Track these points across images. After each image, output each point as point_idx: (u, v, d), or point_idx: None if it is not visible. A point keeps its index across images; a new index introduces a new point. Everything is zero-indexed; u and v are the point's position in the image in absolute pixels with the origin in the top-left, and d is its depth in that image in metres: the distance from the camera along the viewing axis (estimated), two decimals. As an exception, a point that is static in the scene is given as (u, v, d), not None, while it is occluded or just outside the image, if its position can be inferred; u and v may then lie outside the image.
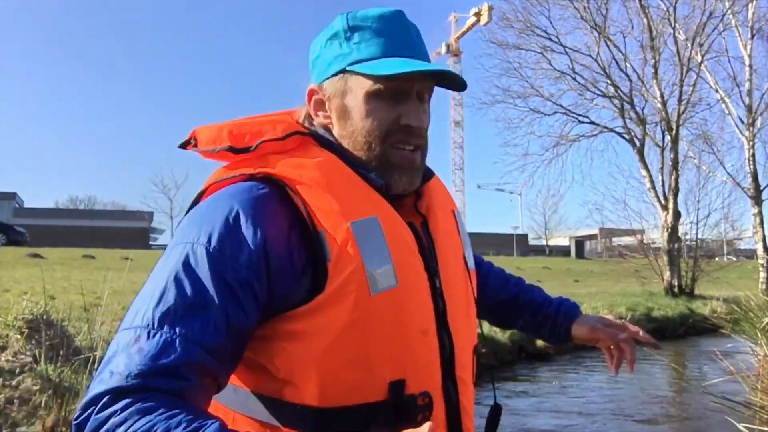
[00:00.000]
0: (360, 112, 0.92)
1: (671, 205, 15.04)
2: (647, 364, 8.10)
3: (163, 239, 58.15)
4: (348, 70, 0.92)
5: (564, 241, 60.30)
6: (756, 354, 4.91)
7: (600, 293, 13.37)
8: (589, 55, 16.02)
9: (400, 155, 0.93)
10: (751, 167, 15.27)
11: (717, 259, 21.47)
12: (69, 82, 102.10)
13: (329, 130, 0.97)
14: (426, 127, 0.96)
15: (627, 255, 17.57)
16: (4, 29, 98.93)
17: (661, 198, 15.26)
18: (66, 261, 14.97)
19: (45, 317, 3.53)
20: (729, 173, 16.01)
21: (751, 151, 15.15)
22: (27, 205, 53.48)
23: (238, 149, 0.90)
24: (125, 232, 48.42)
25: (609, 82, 16.01)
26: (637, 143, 15.70)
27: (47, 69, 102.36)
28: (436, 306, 0.92)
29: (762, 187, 15.30)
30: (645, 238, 17.24)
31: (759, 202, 15.25)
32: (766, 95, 15.19)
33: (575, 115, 16.92)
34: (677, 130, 15.21)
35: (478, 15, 52.64)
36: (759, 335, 5.12)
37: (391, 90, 0.91)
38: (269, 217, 0.82)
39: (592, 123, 16.97)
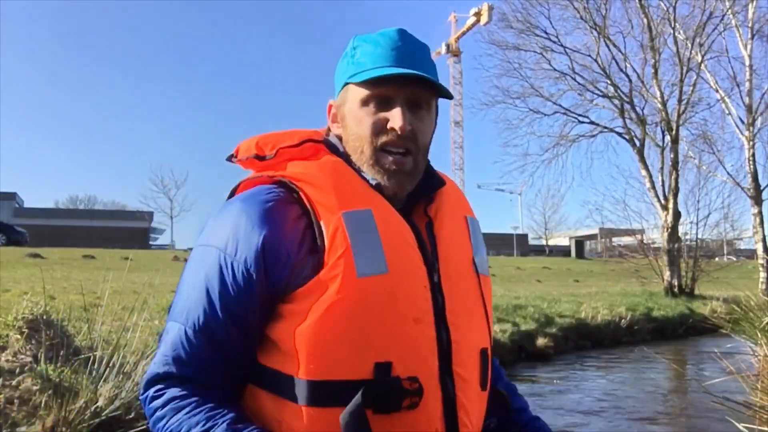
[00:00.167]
0: (353, 118, 1.03)
1: (671, 205, 15.04)
2: (647, 364, 8.10)
3: (163, 239, 58.16)
4: (347, 82, 1.03)
5: (564, 241, 60.31)
6: (756, 354, 4.91)
7: (600, 293, 13.35)
8: (589, 55, 16.06)
9: (387, 159, 1.00)
10: (751, 167, 15.29)
11: (717, 259, 21.47)
12: (69, 81, 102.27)
13: (341, 138, 1.07)
14: (418, 132, 1.02)
15: (627, 255, 17.58)
16: (4, 29, 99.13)
17: (661, 198, 15.26)
18: (66, 261, 14.98)
19: (45, 317, 3.53)
20: (729, 173, 16.06)
21: (751, 151, 15.16)
22: (27, 205, 53.52)
23: (261, 157, 1.03)
24: (125, 232, 48.48)
25: (609, 82, 16.03)
26: (637, 143, 15.70)
27: (47, 69, 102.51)
28: (434, 300, 0.96)
29: (762, 187, 15.32)
30: (645, 238, 17.27)
31: (759, 202, 15.26)
32: (766, 95, 15.22)
33: (575, 116, 16.96)
34: (677, 130, 15.21)
35: (478, 15, 52.71)
36: (759, 335, 5.13)
37: (379, 97, 1.00)
38: (272, 217, 0.93)
39: (592, 123, 17.01)
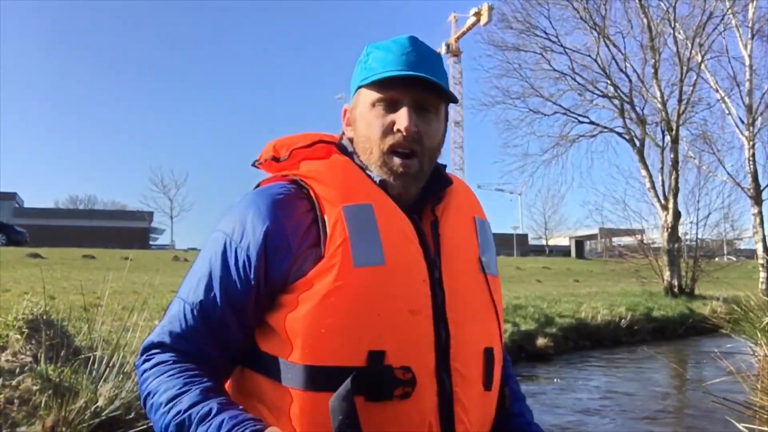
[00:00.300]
0: (363, 120, 1.07)
1: (671, 205, 15.04)
2: (647, 363, 8.10)
3: (163, 239, 58.08)
4: (359, 86, 1.08)
5: (564, 241, 60.27)
6: (756, 354, 4.91)
7: (600, 293, 13.34)
8: (589, 55, 16.04)
9: (395, 161, 1.04)
10: (751, 167, 15.29)
11: (717, 259, 21.46)
12: (69, 81, 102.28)
13: (353, 141, 1.12)
14: (424, 134, 1.04)
15: (627, 255, 17.57)
16: (4, 28, 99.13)
17: (661, 198, 15.25)
18: (66, 261, 14.97)
19: (45, 317, 3.53)
20: (729, 173, 16.05)
21: (751, 151, 15.16)
22: (27, 205, 53.51)
23: (277, 158, 1.10)
24: (125, 232, 48.47)
25: (609, 82, 16.02)
26: (637, 143, 15.70)
27: (47, 68, 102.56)
28: (434, 295, 0.98)
29: (762, 187, 15.32)
30: (645, 238, 17.26)
31: (759, 202, 15.26)
32: (766, 95, 15.23)
33: (575, 116, 16.96)
34: (677, 130, 15.21)
35: (478, 15, 52.68)
36: (759, 335, 5.12)
37: (387, 100, 1.04)
38: (279, 210, 0.99)
39: (592, 123, 17.00)
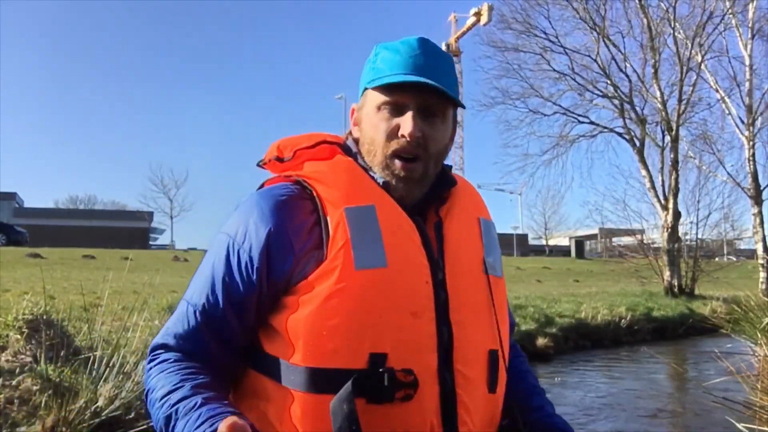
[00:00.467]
0: (368, 123, 1.06)
1: (671, 205, 15.04)
2: (647, 363, 8.10)
3: (163, 239, 58.07)
4: (366, 87, 1.07)
5: (564, 241, 60.24)
6: (756, 354, 4.90)
7: (600, 293, 13.34)
8: (589, 56, 16.06)
9: (397, 165, 1.02)
10: (751, 167, 15.30)
11: (717, 259, 21.45)
12: (69, 81, 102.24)
13: (358, 141, 1.10)
14: (430, 139, 1.02)
15: (627, 255, 17.56)
16: (4, 28, 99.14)
17: (661, 198, 15.26)
18: (66, 261, 14.98)
19: (45, 317, 3.53)
20: (729, 173, 16.06)
21: (751, 151, 15.17)
22: (27, 205, 53.47)
23: (281, 159, 1.09)
24: (125, 232, 48.44)
25: (609, 82, 16.03)
26: (637, 143, 15.70)
27: (47, 68, 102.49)
28: (437, 297, 0.97)
29: (762, 187, 15.33)
30: (645, 238, 17.26)
31: (759, 202, 15.27)
32: (766, 95, 15.23)
33: (575, 116, 16.97)
34: (677, 130, 15.21)
35: (478, 15, 52.64)
36: (759, 335, 5.12)
37: (393, 103, 1.03)
38: (282, 211, 0.98)
39: (592, 123, 17.02)
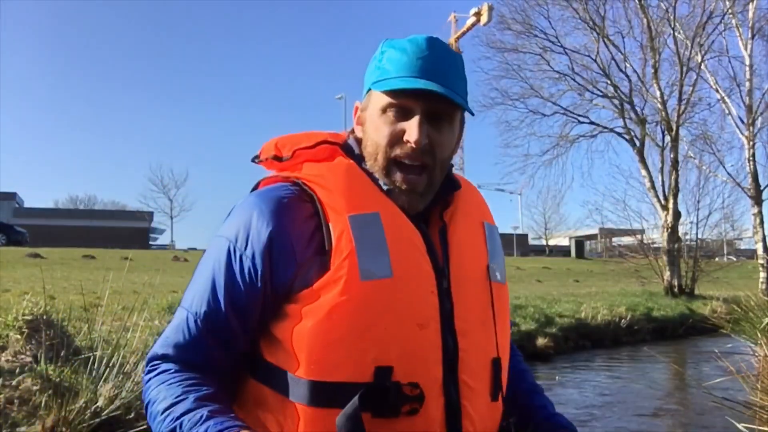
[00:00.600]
0: (372, 125, 1.02)
1: (671, 205, 15.04)
2: (647, 363, 8.10)
3: (163, 239, 58.02)
4: (371, 87, 1.02)
5: (564, 241, 60.18)
6: (756, 354, 4.90)
7: (600, 293, 13.33)
8: (589, 56, 16.06)
9: (398, 176, 0.98)
10: (751, 167, 15.30)
11: (717, 259, 21.45)
12: (69, 81, 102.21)
13: (360, 141, 1.06)
14: (437, 146, 0.98)
15: (627, 255, 17.56)
16: (4, 29, 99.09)
17: (661, 198, 15.26)
18: (66, 261, 14.98)
19: (45, 317, 3.52)
20: (729, 173, 16.06)
21: (751, 151, 15.18)
22: (27, 205, 53.48)
23: (279, 158, 1.04)
24: (125, 232, 48.43)
25: (609, 82, 16.03)
26: (637, 143, 15.70)
27: (47, 68, 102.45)
28: (442, 306, 0.94)
29: (762, 187, 15.34)
30: (645, 238, 17.26)
31: (759, 202, 15.27)
32: (766, 95, 15.24)
33: (575, 116, 16.97)
34: (677, 130, 15.21)
35: (478, 15, 52.55)
36: (759, 335, 5.11)
37: (398, 107, 0.98)
38: (283, 214, 0.95)
39: (592, 123, 17.02)
